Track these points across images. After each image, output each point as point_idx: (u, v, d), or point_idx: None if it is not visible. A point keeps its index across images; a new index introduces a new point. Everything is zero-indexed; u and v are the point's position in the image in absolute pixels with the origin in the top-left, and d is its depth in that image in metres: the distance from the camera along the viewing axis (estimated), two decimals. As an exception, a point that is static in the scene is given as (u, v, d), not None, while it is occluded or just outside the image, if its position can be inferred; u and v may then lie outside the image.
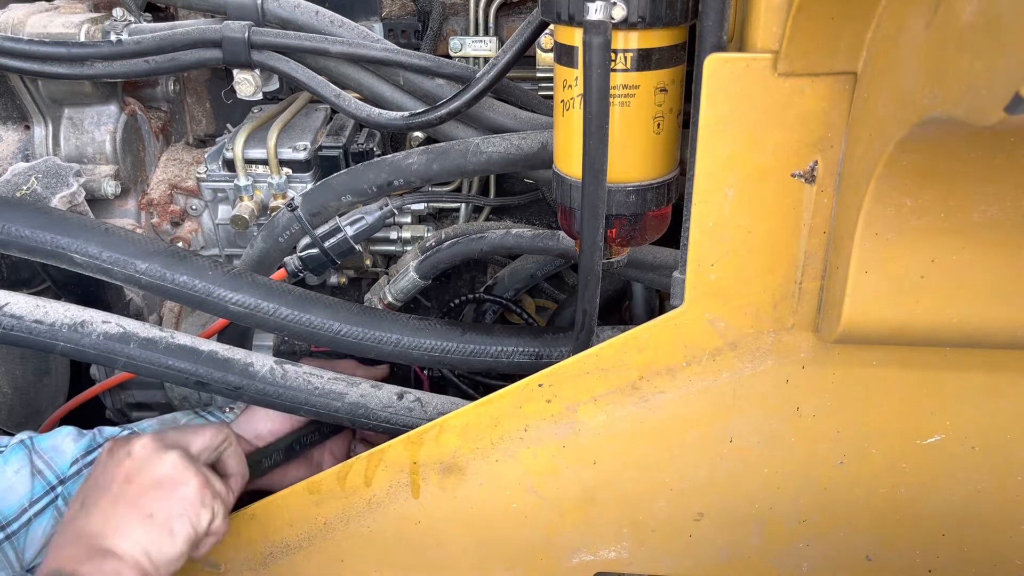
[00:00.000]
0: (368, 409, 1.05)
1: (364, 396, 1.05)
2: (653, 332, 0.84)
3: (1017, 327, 0.72)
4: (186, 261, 1.00)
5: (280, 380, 1.04)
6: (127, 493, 0.86)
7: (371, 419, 1.05)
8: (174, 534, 0.85)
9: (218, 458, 0.97)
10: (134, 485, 0.86)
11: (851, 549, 0.93)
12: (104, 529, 0.83)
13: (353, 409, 1.05)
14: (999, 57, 0.45)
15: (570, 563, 0.98)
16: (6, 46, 1.09)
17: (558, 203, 0.86)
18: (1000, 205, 0.65)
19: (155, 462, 0.88)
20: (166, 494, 0.86)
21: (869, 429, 0.85)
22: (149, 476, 0.87)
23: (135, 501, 0.85)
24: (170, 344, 1.01)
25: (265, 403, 1.05)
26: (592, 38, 0.69)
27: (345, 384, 1.06)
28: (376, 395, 1.06)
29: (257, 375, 1.03)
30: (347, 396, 1.05)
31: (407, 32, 1.23)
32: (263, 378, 1.03)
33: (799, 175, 0.74)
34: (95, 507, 0.85)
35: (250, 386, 1.03)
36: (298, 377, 1.04)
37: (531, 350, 1.05)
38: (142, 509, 0.85)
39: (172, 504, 0.86)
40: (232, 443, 0.98)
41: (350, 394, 1.05)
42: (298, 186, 1.22)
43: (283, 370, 1.04)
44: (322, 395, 1.04)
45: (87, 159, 1.26)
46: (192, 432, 0.95)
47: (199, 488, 0.88)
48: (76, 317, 1.00)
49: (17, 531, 0.97)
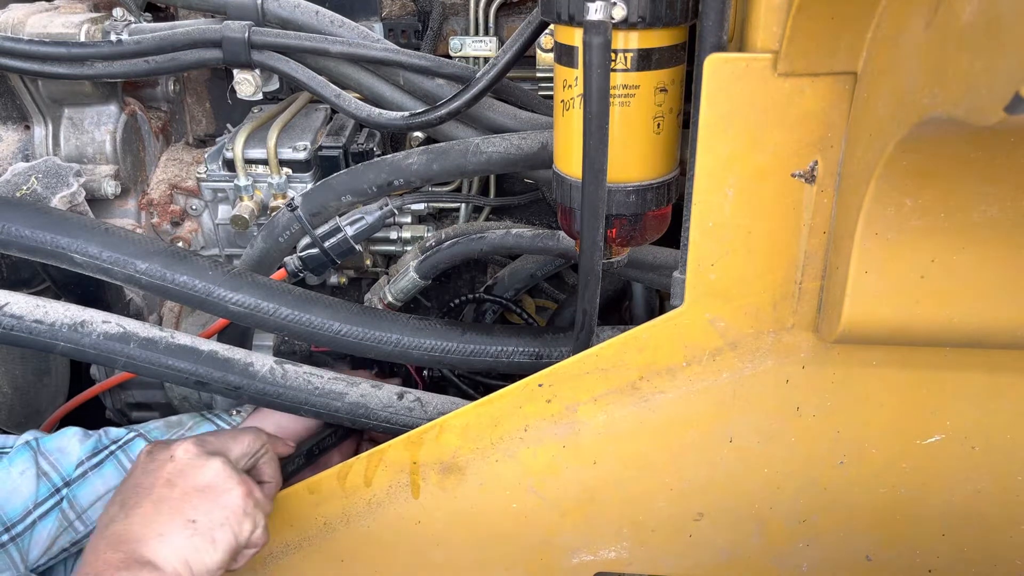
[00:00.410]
0: (368, 409, 1.05)
1: (364, 396, 1.05)
2: (653, 332, 0.84)
3: (1017, 327, 0.72)
4: (186, 261, 1.00)
5: (280, 380, 1.04)
6: (169, 497, 0.84)
7: (371, 419, 1.05)
8: (216, 543, 0.82)
9: (255, 464, 0.96)
10: (177, 490, 0.84)
11: (851, 549, 0.93)
12: (145, 534, 0.80)
13: (353, 409, 1.05)
14: (999, 57, 0.45)
15: (570, 563, 0.98)
16: (6, 46, 1.09)
17: (558, 203, 0.86)
18: (1000, 205, 0.65)
19: (199, 468, 0.86)
20: (210, 501, 0.84)
21: (869, 429, 0.85)
22: (192, 482, 0.85)
23: (178, 506, 0.83)
24: (170, 344, 1.01)
25: (265, 403, 1.05)
26: (592, 38, 0.69)
27: (345, 384, 1.06)
28: (376, 395, 1.06)
29: (257, 375, 1.03)
30: (347, 396, 1.05)
31: (407, 32, 1.23)
32: (263, 378, 1.03)
33: (799, 175, 0.74)
34: (136, 510, 0.83)
35: (250, 386, 1.03)
36: (298, 377, 1.04)
37: (531, 350, 1.05)
38: (185, 515, 0.82)
39: (215, 512, 0.83)
40: (269, 450, 0.97)
41: (350, 394, 1.05)
42: (298, 186, 1.22)
43: (283, 370, 1.04)
44: (322, 395, 1.04)
45: (87, 159, 1.26)
46: (231, 438, 0.94)
47: (243, 497, 0.86)
48: (76, 317, 1.00)
49: (22, 532, 0.96)
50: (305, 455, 1.10)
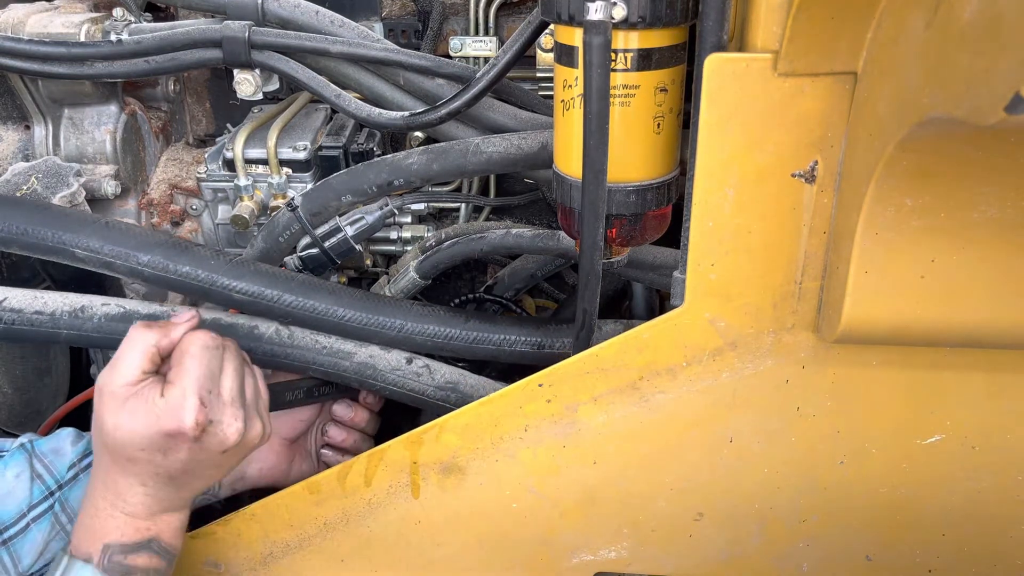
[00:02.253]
0: (376, 370, 1.05)
1: (373, 356, 1.05)
2: (653, 332, 0.84)
3: (1017, 327, 0.72)
4: (188, 252, 1.00)
5: (287, 340, 1.04)
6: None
7: (378, 380, 1.05)
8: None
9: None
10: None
11: (851, 549, 0.93)
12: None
13: (361, 369, 1.05)
14: (999, 57, 0.45)
15: (570, 563, 0.98)
16: (6, 46, 1.09)
17: (558, 203, 0.86)
18: (1000, 205, 0.65)
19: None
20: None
21: (869, 429, 0.85)
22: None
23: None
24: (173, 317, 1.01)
25: (273, 364, 1.05)
26: (592, 38, 0.69)
27: (353, 344, 1.06)
28: (385, 357, 1.06)
29: (263, 337, 1.04)
30: (355, 356, 1.05)
31: (407, 32, 1.23)
32: (270, 339, 1.04)
33: (799, 175, 0.74)
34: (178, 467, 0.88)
35: (257, 348, 1.03)
36: (305, 336, 1.05)
37: (534, 339, 1.05)
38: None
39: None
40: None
41: (359, 354, 1.05)
42: (298, 186, 1.22)
43: (289, 331, 1.05)
44: (330, 354, 1.04)
45: (87, 159, 1.26)
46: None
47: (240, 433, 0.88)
48: (75, 303, 1.00)
49: (15, 536, 0.96)
50: (305, 392, 1.12)
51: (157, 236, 1.01)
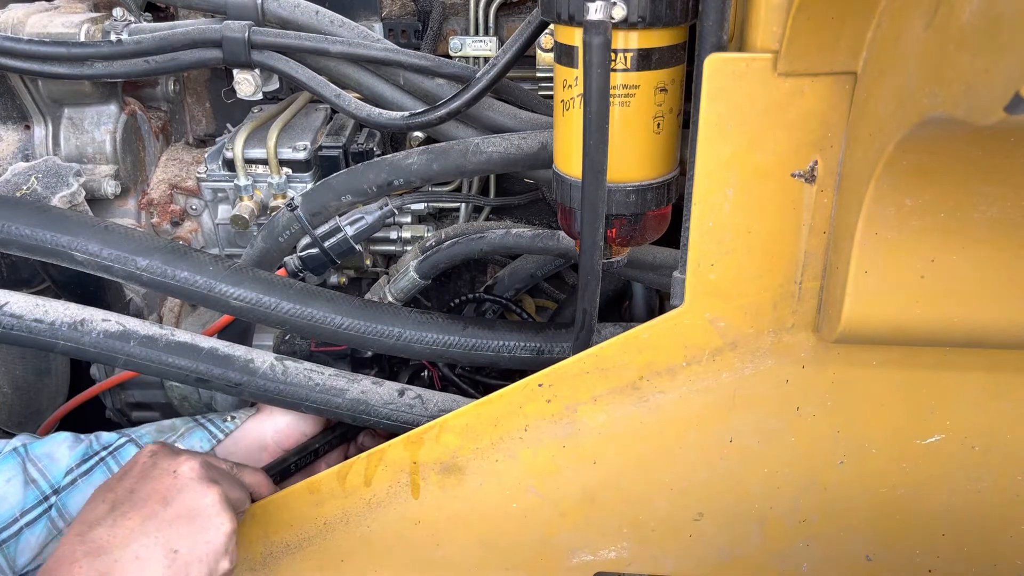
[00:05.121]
0: (369, 405, 1.05)
1: (365, 392, 1.05)
2: (653, 332, 0.84)
3: (1017, 327, 0.72)
4: (187, 257, 1.00)
5: (281, 376, 1.04)
6: (160, 516, 0.84)
7: (372, 415, 1.05)
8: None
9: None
10: (170, 510, 0.84)
11: (851, 549, 0.93)
12: (124, 555, 0.80)
13: (354, 405, 1.05)
14: (999, 57, 0.45)
15: (570, 563, 0.98)
16: (6, 46, 1.09)
17: (558, 203, 0.86)
18: (1000, 205, 0.65)
19: (197, 493, 0.86)
20: (196, 533, 0.84)
21: (869, 429, 0.85)
22: (187, 505, 0.85)
23: (165, 530, 0.83)
24: (170, 341, 1.01)
25: (266, 399, 1.05)
26: (592, 38, 0.69)
27: (346, 380, 1.06)
28: (377, 392, 1.06)
29: (258, 371, 1.03)
30: (348, 392, 1.05)
31: (407, 32, 1.23)
32: (264, 374, 1.03)
33: (799, 175, 0.74)
34: (123, 520, 0.83)
35: (251, 382, 1.03)
36: (299, 373, 1.04)
37: (533, 345, 1.05)
38: (169, 543, 0.83)
39: (199, 546, 0.84)
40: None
41: (351, 390, 1.05)
42: (298, 186, 1.22)
43: (284, 366, 1.04)
44: (323, 391, 1.04)
45: (87, 159, 1.26)
46: (239, 472, 0.96)
47: (228, 536, 0.86)
48: (76, 315, 1.00)
49: (7, 540, 0.95)
50: (312, 453, 1.12)
51: (156, 241, 1.01)
